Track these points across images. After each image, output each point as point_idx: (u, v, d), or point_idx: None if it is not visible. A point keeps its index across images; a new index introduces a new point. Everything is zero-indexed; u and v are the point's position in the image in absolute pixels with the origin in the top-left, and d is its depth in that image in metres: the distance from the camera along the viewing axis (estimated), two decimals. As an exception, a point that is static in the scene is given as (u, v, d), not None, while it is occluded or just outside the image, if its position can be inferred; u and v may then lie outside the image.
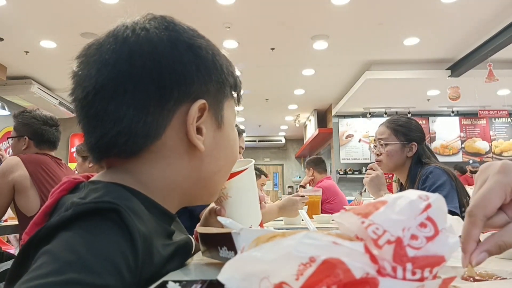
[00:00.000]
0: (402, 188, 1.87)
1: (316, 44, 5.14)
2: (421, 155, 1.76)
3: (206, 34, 0.61)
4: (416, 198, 0.31)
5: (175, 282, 0.40)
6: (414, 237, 0.29)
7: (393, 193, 2.19)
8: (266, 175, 5.04)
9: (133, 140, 0.52)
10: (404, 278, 0.28)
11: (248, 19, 4.47)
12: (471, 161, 6.89)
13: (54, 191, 0.54)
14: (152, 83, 0.52)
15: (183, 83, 0.54)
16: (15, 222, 2.31)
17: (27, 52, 5.23)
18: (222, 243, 0.56)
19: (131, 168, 0.55)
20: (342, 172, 8.07)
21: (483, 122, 8.06)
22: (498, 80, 5.04)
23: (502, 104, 6.95)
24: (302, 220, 1.85)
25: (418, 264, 0.29)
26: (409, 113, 7.39)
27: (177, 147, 0.56)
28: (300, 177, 10.89)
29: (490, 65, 5.03)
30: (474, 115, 7.43)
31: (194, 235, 0.81)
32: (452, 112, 7.84)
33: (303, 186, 3.90)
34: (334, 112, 8.08)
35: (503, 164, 0.46)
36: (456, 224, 0.60)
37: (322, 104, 8.38)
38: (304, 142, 10.29)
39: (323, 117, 8.90)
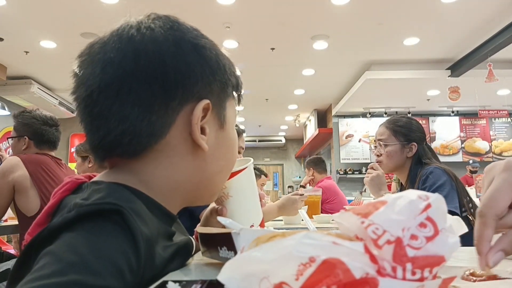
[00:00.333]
0: (402, 188, 1.87)
1: (316, 44, 5.14)
2: (421, 155, 1.75)
3: (206, 34, 0.61)
4: (416, 198, 0.31)
5: (175, 282, 0.40)
6: (414, 237, 0.29)
7: (392, 192, 2.19)
8: (266, 175, 5.04)
9: (137, 139, 0.52)
10: (404, 278, 0.28)
11: (248, 19, 4.47)
12: (471, 161, 6.89)
13: (57, 191, 0.54)
14: (157, 82, 0.52)
15: (188, 82, 0.54)
16: (15, 222, 2.31)
17: (27, 52, 5.23)
18: (222, 243, 0.56)
19: (134, 168, 0.55)
20: (342, 172, 8.07)
21: (483, 122, 8.06)
22: (498, 80, 5.05)
23: (502, 104, 6.95)
24: (302, 220, 1.86)
25: (418, 264, 0.29)
26: (409, 113, 7.39)
27: (181, 146, 0.56)
28: (300, 177, 10.89)
29: (490, 65, 5.04)
30: (474, 115, 7.44)
31: (194, 235, 0.81)
32: (452, 112, 7.84)
33: (303, 186, 3.90)
34: (334, 112, 8.08)
35: (507, 163, 0.46)
36: (456, 224, 0.60)
37: (322, 104, 8.38)
38: (304, 142, 10.29)
39: (323, 117, 8.90)
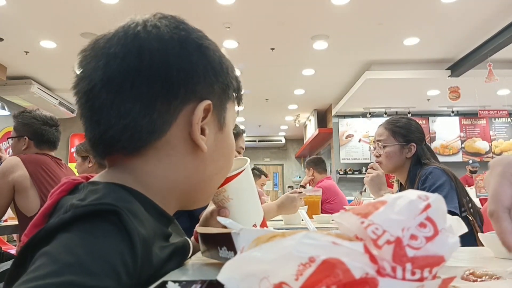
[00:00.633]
0: (401, 188, 1.87)
1: (316, 44, 5.14)
2: (420, 155, 1.75)
3: (206, 34, 0.61)
4: (416, 198, 0.31)
5: (174, 282, 0.40)
6: (413, 237, 0.29)
7: (393, 193, 2.19)
8: (266, 175, 5.05)
9: (138, 135, 0.52)
10: (404, 278, 0.28)
11: (248, 19, 4.47)
12: (470, 161, 6.89)
13: (54, 192, 0.53)
14: (160, 79, 0.52)
15: (190, 81, 0.54)
16: (15, 222, 2.31)
17: (27, 52, 5.23)
18: (222, 243, 0.56)
19: (133, 167, 0.55)
20: (342, 172, 8.07)
21: (483, 122, 8.06)
22: (498, 80, 5.05)
23: (502, 104, 6.95)
24: (302, 220, 1.85)
25: (418, 264, 0.29)
26: (409, 113, 7.39)
27: (180, 146, 0.56)
28: (300, 177, 10.89)
29: (490, 65, 5.04)
30: (474, 115, 7.44)
31: (194, 236, 0.81)
32: (452, 112, 7.84)
33: (303, 186, 3.90)
34: (334, 112, 8.08)
35: (497, 161, 0.50)
36: (456, 224, 0.60)
37: (322, 104, 8.38)
38: (304, 142, 10.29)
39: (323, 117, 8.90)
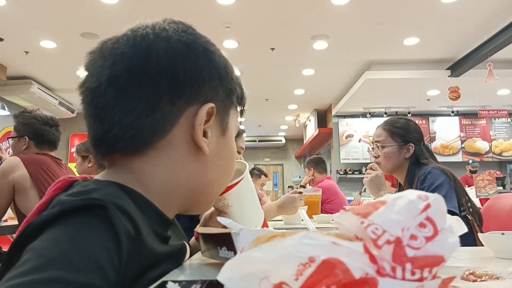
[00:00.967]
0: (400, 188, 1.87)
1: (316, 44, 5.14)
2: (419, 156, 1.75)
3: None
4: (416, 198, 0.31)
5: (174, 282, 0.40)
6: (413, 237, 0.29)
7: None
8: (266, 175, 5.05)
9: (140, 134, 0.53)
10: (404, 278, 0.28)
11: (248, 19, 4.47)
12: (470, 161, 6.88)
13: (49, 190, 0.54)
14: (166, 80, 0.53)
15: (196, 83, 0.55)
16: (15, 222, 2.31)
17: (27, 52, 5.23)
18: (222, 243, 0.56)
19: (133, 166, 0.55)
20: (342, 172, 8.07)
21: (483, 122, 8.06)
22: (498, 80, 5.04)
23: (502, 104, 6.95)
24: (302, 220, 1.85)
25: (418, 264, 0.29)
26: (409, 113, 7.40)
27: (182, 147, 0.56)
28: (300, 177, 10.88)
29: (490, 65, 5.03)
30: (474, 115, 7.44)
31: (194, 236, 0.81)
32: (452, 112, 7.84)
33: (303, 186, 3.90)
34: (334, 112, 8.08)
35: None
36: (456, 224, 0.60)
37: (322, 104, 8.38)
38: (304, 142, 10.29)
39: (323, 117, 8.90)
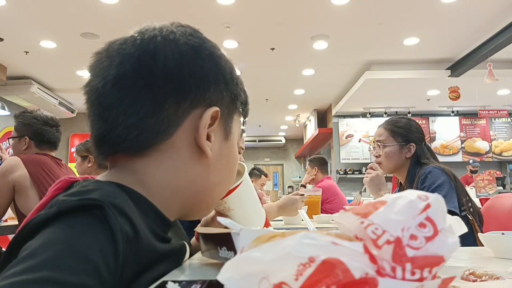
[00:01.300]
0: (401, 188, 1.87)
1: (316, 44, 5.14)
2: (420, 155, 1.75)
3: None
4: (416, 198, 0.31)
5: (174, 282, 0.40)
6: (413, 237, 0.29)
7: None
8: (266, 175, 5.05)
9: (144, 135, 0.53)
10: (404, 278, 0.28)
11: (248, 19, 4.47)
12: (471, 160, 6.87)
13: (50, 190, 0.54)
14: (172, 81, 0.53)
15: (201, 86, 0.55)
16: (15, 222, 2.31)
17: (27, 52, 5.23)
18: (222, 243, 0.56)
19: (135, 167, 0.54)
20: (342, 172, 8.07)
21: (483, 122, 8.06)
22: (498, 80, 5.04)
23: (502, 104, 6.95)
24: (302, 220, 1.85)
25: (418, 264, 0.29)
26: (409, 113, 7.39)
27: (185, 150, 0.56)
28: (300, 177, 10.88)
29: (490, 65, 5.03)
30: (474, 115, 7.44)
31: (194, 236, 0.81)
32: (452, 112, 7.84)
33: (304, 186, 3.91)
34: (334, 112, 8.08)
35: None
36: (456, 224, 0.60)
37: (322, 104, 8.38)
38: (304, 142, 10.29)
39: (323, 117, 8.90)
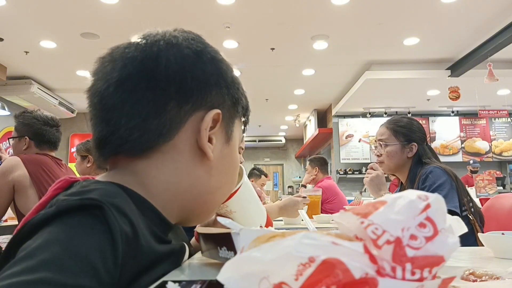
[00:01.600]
0: (402, 188, 1.87)
1: (316, 44, 5.14)
2: (421, 155, 1.75)
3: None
4: (416, 198, 0.31)
5: (174, 282, 0.40)
6: (413, 237, 0.29)
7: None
8: (266, 175, 5.05)
9: (146, 136, 0.53)
10: (404, 278, 0.28)
11: (248, 19, 4.47)
12: (471, 161, 6.87)
13: (50, 189, 0.53)
14: (174, 84, 0.54)
15: (203, 89, 0.56)
16: (15, 222, 2.31)
17: (27, 52, 5.23)
18: (222, 243, 0.56)
19: (136, 169, 0.54)
20: (342, 172, 8.07)
21: (483, 122, 8.06)
22: (498, 80, 5.04)
23: (502, 104, 6.95)
24: (302, 220, 1.85)
25: (418, 264, 0.29)
26: (409, 113, 7.39)
27: (186, 152, 0.56)
28: (300, 177, 10.88)
29: (490, 65, 5.03)
30: (474, 115, 7.44)
31: (194, 236, 0.81)
32: (452, 112, 7.84)
33: (304, 186, 3.91)
34: (334, 112, 8.08)
35: None
36: (456, 224, 0.59)
37: (322, 104, 8.38)
38: (304, 142, 10.29)
39: (323, 117, 8.90)
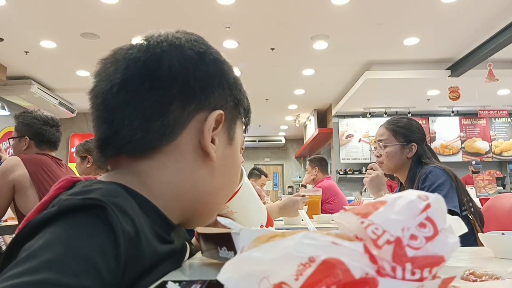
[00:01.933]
0: (401, 188, 1.87)
1: (316, 44, 5.14)
2: (421, 155, 1.75)
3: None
4: (416, 198, 0.31)
5: (174, 282, 0.40)
6: (413, 237, 0.29)
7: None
8: (266, 175, 5.06)
9: (149, 137, 0.53)
10: (404, 278, 0.28)
11: (248, 19, 4.47)
12: (473, 161, 6.86)
13: (52, 189, 0.53)
14: (177, 85, 0.55)
15: (206, 90, 0.57)
16: (15, 222, 2.31)
17: (27, 52, 5.23)
18: (222, 243, 0.56)
19: (138, 169, 0.54)
20: (342, 172, 8.07)
21: (483, 122, 8.06)
22: (498, 80, 5.04)
23: (502, 104, 6.95)
24: (302, 220, 1.85)
25: (418, 264, 0.29)
26: (409, 113, 7.39)
27: (189, 153, 0.56)
28: (300, 177, 10.88)
29: (490, 65, 5.03)
30: (474, 115, 7.44)
31: (194, 236, 0.81)
32: (452, 112, 7.84)
33: (304, 186, 3.91)
34: (334, 112, 8.08)
35: None
36: (456, 224, 0.59)
37: (322, 104, 8.38)
38: (304, 142, 10.29)
39: (323, 117, 8.90)
